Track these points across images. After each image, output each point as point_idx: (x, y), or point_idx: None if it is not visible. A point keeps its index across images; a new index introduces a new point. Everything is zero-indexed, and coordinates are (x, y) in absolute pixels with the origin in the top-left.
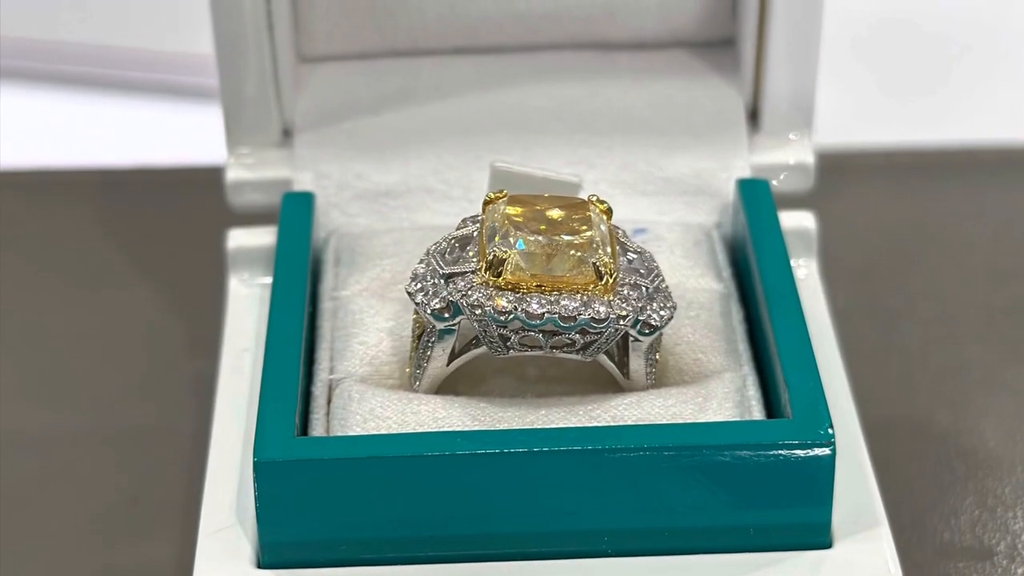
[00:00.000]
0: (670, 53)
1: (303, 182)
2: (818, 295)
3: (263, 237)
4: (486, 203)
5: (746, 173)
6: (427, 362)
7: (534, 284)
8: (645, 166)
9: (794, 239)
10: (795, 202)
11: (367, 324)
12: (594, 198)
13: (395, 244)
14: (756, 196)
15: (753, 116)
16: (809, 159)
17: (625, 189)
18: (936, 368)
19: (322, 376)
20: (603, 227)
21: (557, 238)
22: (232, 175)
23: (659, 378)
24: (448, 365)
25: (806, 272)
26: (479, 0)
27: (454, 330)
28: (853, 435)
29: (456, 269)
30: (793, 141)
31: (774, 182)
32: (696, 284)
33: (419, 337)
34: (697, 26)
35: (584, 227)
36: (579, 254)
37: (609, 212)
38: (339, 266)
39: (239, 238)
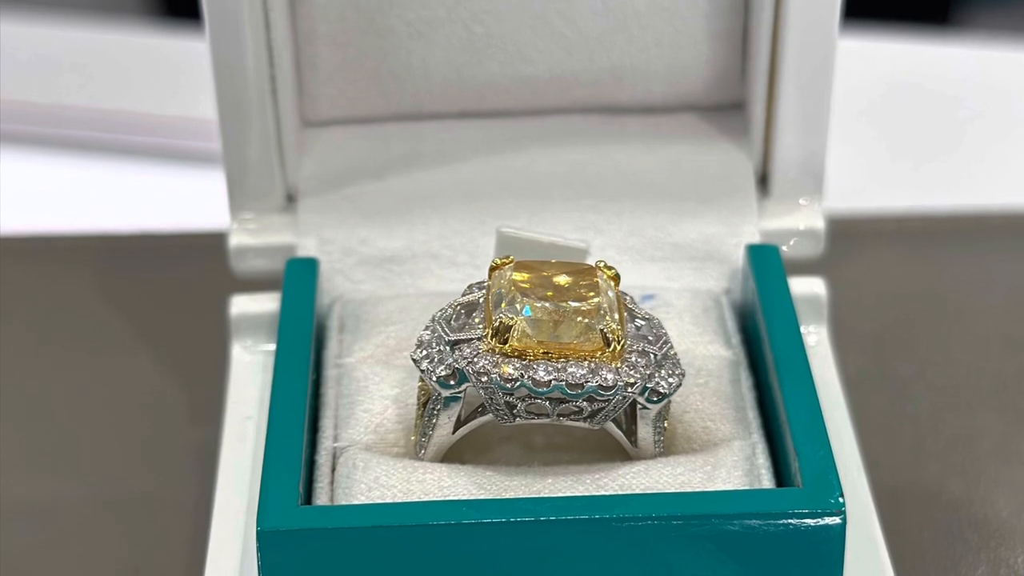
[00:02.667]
0: (679, 117)
1: (307, 248)
2: (828, 362)
3: (266, 303)
4: (492, 269)
5: (756, 239)
6: (432, 430)
7: (541, 351)
8: (653, 232)
9: (804, 305)
10: (805, 267)
11: (372, 391)
12: (601, 264)
13: (400, 311)
14: (766, 262)
15: (763, 181)
16: (820, 225)
17: (633, 255)
18: (948, 436)
19: (326, 444)
20: (611, 293)
21: (564, 304)
22: (235, 241)
23: (667, 446)
24: (454, 433)
25: (816, 339)
26: (485, 64)
27: (460, 397)
28: (864, 504)
29: (462, 336)
30: (803, 206)
31: (784, 248)
32: (705, 351)
33: (424, 405)
34: (706, 90)
35: (591, 293)
36: (586, 321)
37: (617, 278)
38: (343, 333)
39: (242, 304)
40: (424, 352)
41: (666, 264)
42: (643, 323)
